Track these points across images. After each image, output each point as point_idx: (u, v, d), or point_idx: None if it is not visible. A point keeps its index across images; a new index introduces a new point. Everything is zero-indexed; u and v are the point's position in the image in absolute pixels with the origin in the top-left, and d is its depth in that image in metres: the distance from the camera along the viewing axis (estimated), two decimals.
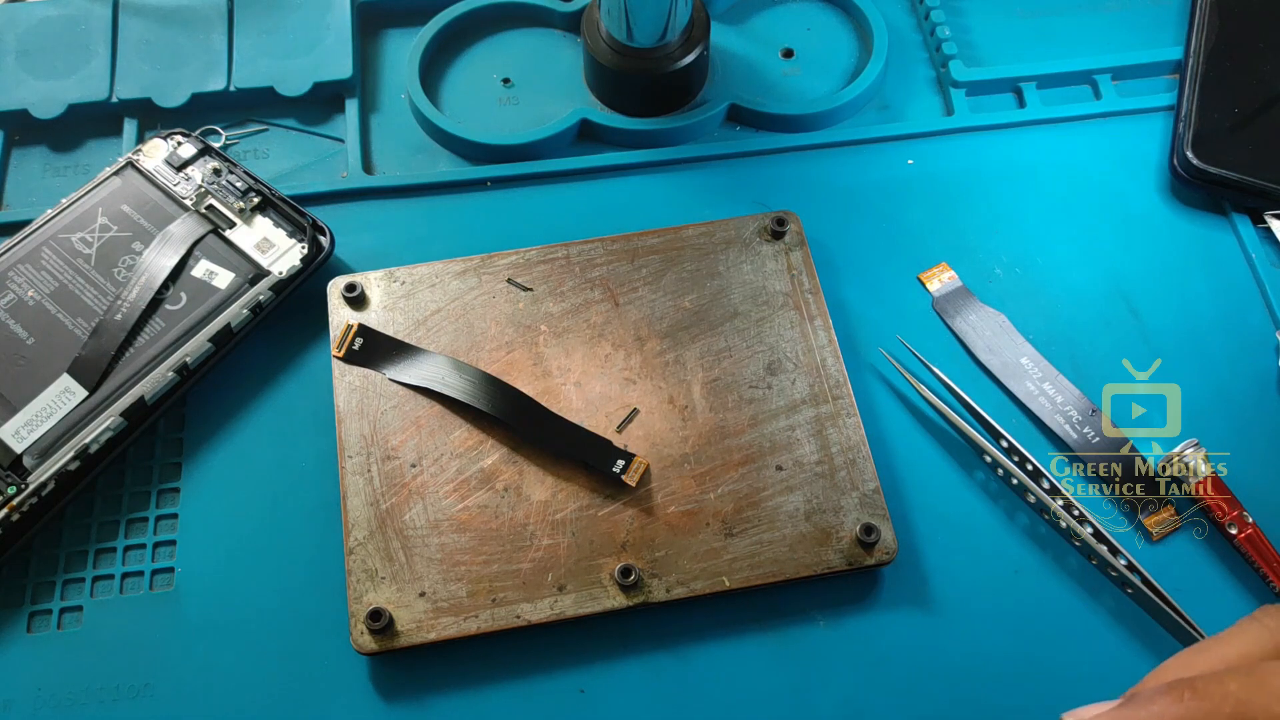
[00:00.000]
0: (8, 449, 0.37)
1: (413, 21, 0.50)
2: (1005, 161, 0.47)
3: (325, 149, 0.48)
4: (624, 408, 0.39)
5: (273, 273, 0.41)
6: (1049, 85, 0.50)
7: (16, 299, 0.40)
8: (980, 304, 0.43)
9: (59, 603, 0.37)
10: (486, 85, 0.49)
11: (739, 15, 0.51)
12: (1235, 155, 0.45)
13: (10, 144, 0.47)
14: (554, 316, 0.41)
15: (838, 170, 0.47)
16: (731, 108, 0.48)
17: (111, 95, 0.47)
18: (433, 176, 0.46)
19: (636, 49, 0.45)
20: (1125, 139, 0.48)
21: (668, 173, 0.47)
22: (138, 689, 0.36)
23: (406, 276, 0.42)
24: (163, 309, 0.40)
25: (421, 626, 0.35)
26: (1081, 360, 0.42)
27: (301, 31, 0.49)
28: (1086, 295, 0.44)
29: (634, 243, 0.43)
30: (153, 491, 0.39)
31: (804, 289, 0.42)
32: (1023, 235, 0.45)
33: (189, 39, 0.48)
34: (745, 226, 0.43)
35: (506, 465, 0.38)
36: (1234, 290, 0.44)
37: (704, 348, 0.40)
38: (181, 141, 0.44)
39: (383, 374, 0.39)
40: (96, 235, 0.42)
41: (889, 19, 0.50)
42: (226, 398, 0.41)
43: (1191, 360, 0.42)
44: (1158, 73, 0.50)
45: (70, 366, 0.39)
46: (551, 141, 0.47)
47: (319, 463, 0.39)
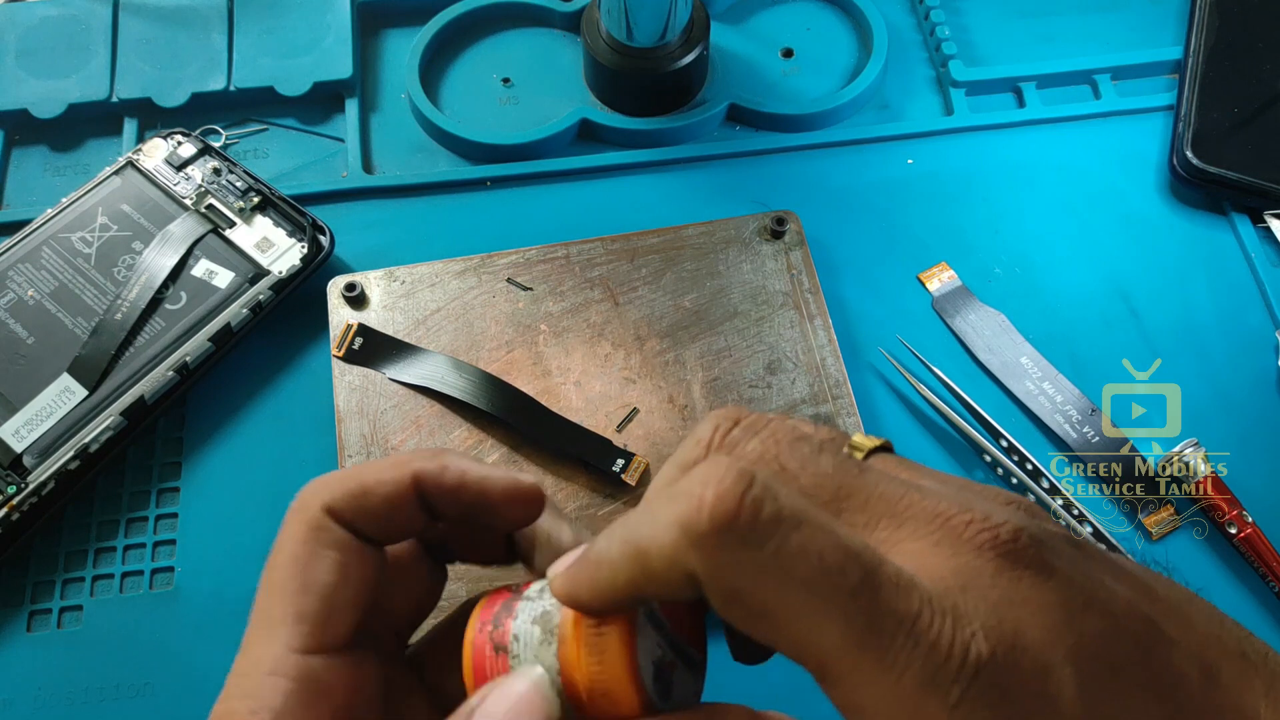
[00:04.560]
0: (8, 448, 0.37)
1: (413, 21, 0.50)
2: (1005, 161, 0.47)
3: (325, 149, 0.48)
4: (624, 407, 0.39)
5: (273, 272, 0.41)
6: (1049, 85, 0.50)
7: (16, 298, 0.40)
8: (980, 304, 0.43)
9: (59, 602, 0.37)
10: (486, 85, 0.49)
11: (739, 15, 0.51)
12: (1235, 155, 0.45)
13: (10, 144, 0.47)
14: (554, 316, 0.41)
15: (837, 170, 0.47)
16: (731, 107, 0.48)
17: (111, 95, 0.47)
18: (433, 176, 0.46)
19: (636, 49, 0.45)
20: (1125, 139, 0.48)
21: (668, 173, 0.47)
22: (137, 688, 0.36)
23: (406, 276, 0.42)
24: (163, 308, 0.40)
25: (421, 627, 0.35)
26: (1081, 360, 0.42)
27: (301, 31, 0.49)
28: (1086, 295, 0.44)
29: (634, 242, 0.43)
30: (153, 491, 0.39)
31: (804, 289, 0.42)
32: (1022, 235, 0.45)
33: (189, 39, 0.48)
34: (745, 226, 0.43)
35: (506, 464, 0.38)
36: (1234, 290, 0.44)
37: (704, 347, 0.40)
38: (181, 141, 0.44)
39: (383, 373, 0.39)
40: (96, 235, 0.42)
41: (889, 19, 0.50)
42: (226, 397, 0.41)
43: (1191, 360, 0.42)
44: (1158, 73, 0.50)
45: (70, 366, 0.39)
46: (551, 141, 0.47)
47: (319, 462, 0.39)
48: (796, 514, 0.16)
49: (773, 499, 0.16)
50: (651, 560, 0.17)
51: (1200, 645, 0.17)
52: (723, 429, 0.19)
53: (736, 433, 0.19)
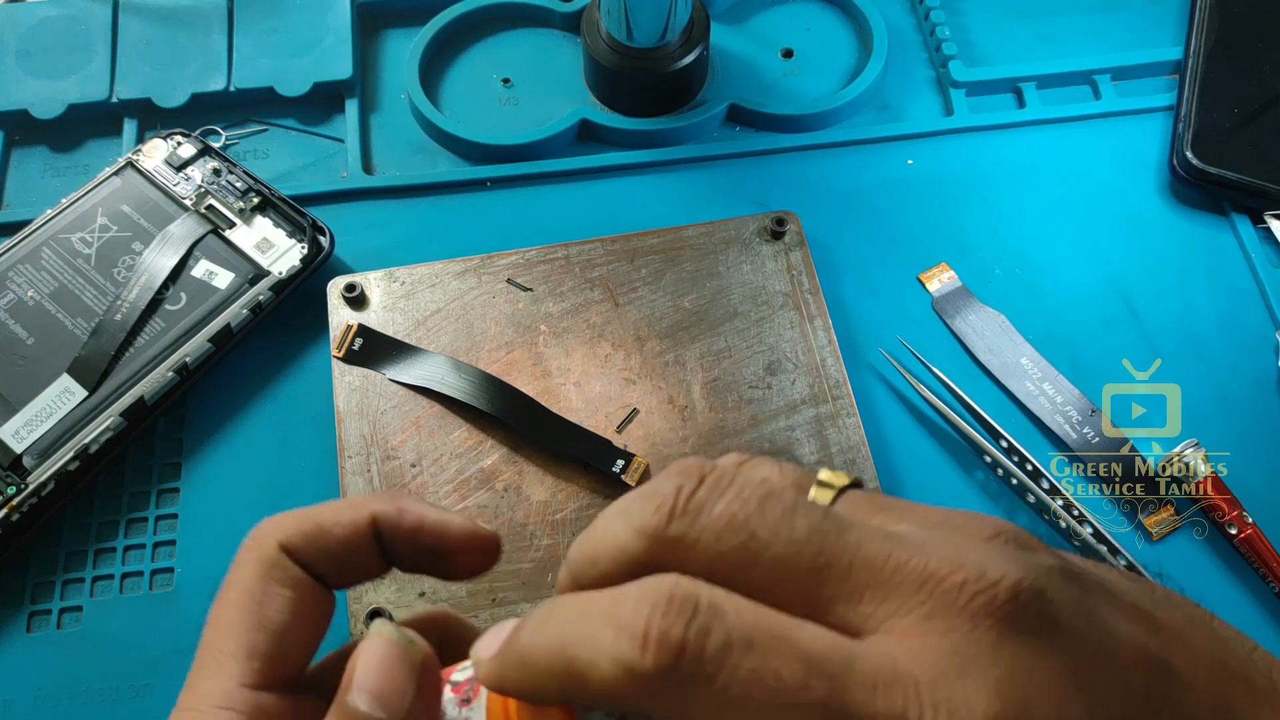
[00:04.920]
0: (8, 449, 0.37)
1: (413, 21, 0.50)
2: (1005, 161, 0.47)
3: (325, 149, 0.48)
4: (624, 408, 0.39)
5: (272, 273, 0.41)
6: (1049, 85, 0.50)
7: (16, 299, 0.40)
8: (980, 304, 0.43)
9: (59, 603, 0.37)
10: (486, 85, 0.49)
11: (739, 15, 0.51)
12: (1235, 155, 0.45)
13: (10, 144, 0.47)
14: (554, 316, 0.41)
15: (837, 170, 0.47)
16: (731, 108, 0.48)
17: (111, 95, 0.47)
18: (433, 176, 0.46)
19: (636, 49, 0.45)
20: (1125, 139, 0.48)
21: (668, 173, 0.47)
22: (137, 689, 0.36)
23: (406, 276, 0.42)
24: (162, 309, 0.40)
25: None
26: (1081, 360, 0.42)
27: (301, 31, 0.49)
28: (1086, 295, 0.44)
29: (634, 243, 0.43)
30: (153, 491, 0.39)
31: (804, 289, 0.42)
32: (1022, 235, 0.45)
33: (189, 39, 0.48)
34: (745, 226, 0.43)
35: (506, 465, 0.38)
36: (1234, 290, 0.44)
37: (704, 348, 0.40)
38: (181, 141, 0.44)
39: (383, 374, 0.39)
40: (96, 235, 0.42)
41: (889, 19, 0.50)
42: (226, 398, 0.41)
43: (1191, 360, 0.42)
44: (1158, 73, 0.50)
45: (70, 366, 0.39)
46: (551, 141, 0.47)
47: (319, 463, 0.39)
48: (746, 635, 0.15)
49: (720, 622, 0.15)
50: (589, 684, 0.16)
51: (1210, 680, 0.16)
52: (687, 489, 0.18)
53: (701, 494, 0.18)
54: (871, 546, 0.17)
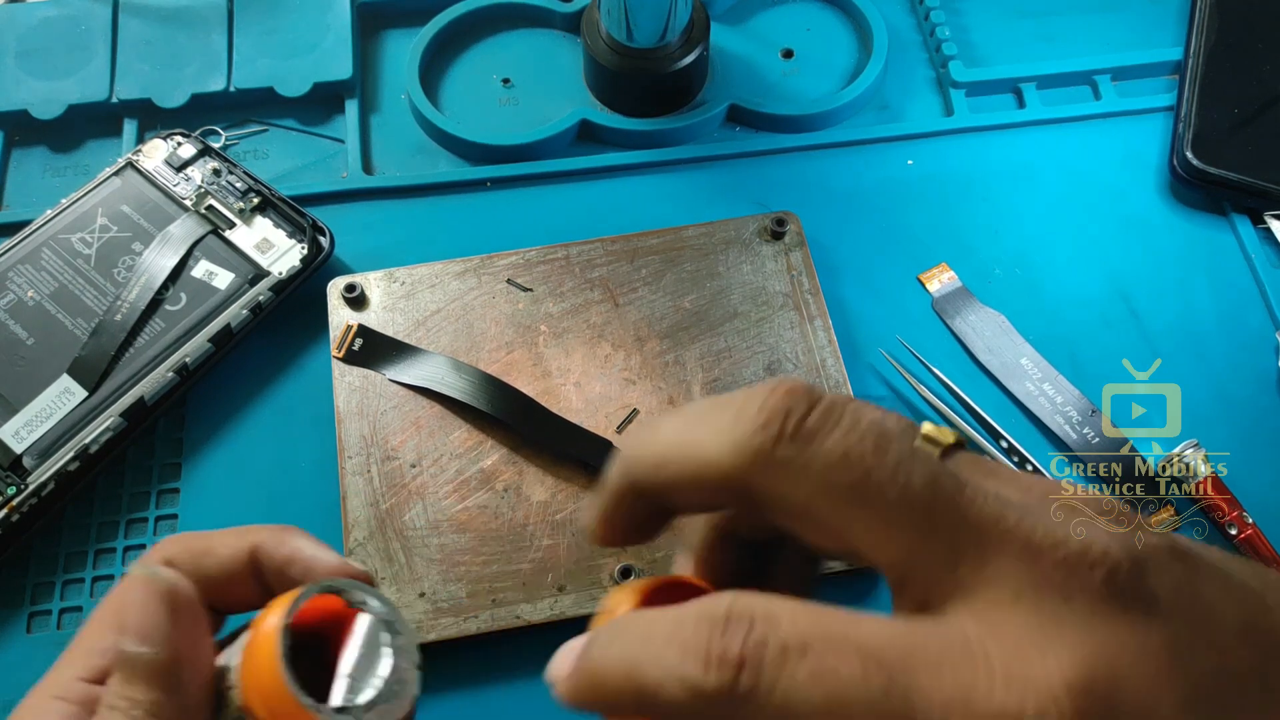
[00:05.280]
0: (8, 449, 0.37)
1: (413, 21, 0.50)
2: (1005, 162, 0.47)
3: (325, 149, 0.48)
4: (624, 408, 0.39)
5: (272, 273, 0.41)
6: (1049, 85, 0.50)
7: (16, 299, 0.40)
8: (980, 304, 0.43)
9: (59, 603, 0.37)
10: (486, 85, 0.49)
11: (739, 15, 0.51)
12: (1235, 155, 0.45)
13: (10, 144, 0.47)
14: (554, 317, 0.41)
15: (837, 171, 0.47)
16: (731, 108, 0.48)
17: (111, 95, 0.47)
18: (433, 177, 0.46)
19: (636, 49, 0.45)
20: (1125, 139, 0.48)
21: (668, 173, 0.47)
22: None
23: (406, 277, 0.42)
24: (162, 309, 0.40)
25: (421, 627, 0.35)
26: (1081, 360, 0.42)
27: (301, 31, 0.49)
28: (1086, 295, 0.44)
29: (634, 243, 0.43)
30: (153, 492, 0.39)
31: (804, 289, 0.42)
32: (1022, 235, 0.45)
33: (189, 39, 0.48)
34: (745, 227, 0.43)
35: (506, 466, 0.38)
36: (1234, 290, 0.44)
37: (704, 348, 0.40)
38: (181, 142, 0.44)
39: (382, 374, 0.39)
40: (96, 235, 0.42)
41: (889, 19, 0.50)
42: (226, 398, 0.41)
43: (1191, 360, 0.42)
44: (1158, 73, 0.50)
45: (70, 367, 0.39)
46: (551, 142, 0.47)
47: (319, 463, 0.39)
48: (801, 640, 0.15)
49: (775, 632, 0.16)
50: (660, 702, 0.16)
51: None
52: (797, 413, 0.17)
53: (814, 419, 0.17)
54: (984, 508, 0.16)
